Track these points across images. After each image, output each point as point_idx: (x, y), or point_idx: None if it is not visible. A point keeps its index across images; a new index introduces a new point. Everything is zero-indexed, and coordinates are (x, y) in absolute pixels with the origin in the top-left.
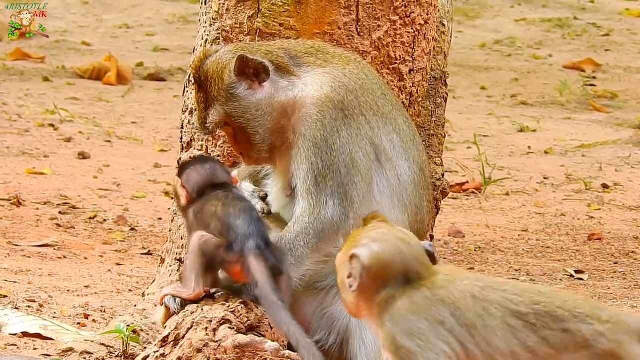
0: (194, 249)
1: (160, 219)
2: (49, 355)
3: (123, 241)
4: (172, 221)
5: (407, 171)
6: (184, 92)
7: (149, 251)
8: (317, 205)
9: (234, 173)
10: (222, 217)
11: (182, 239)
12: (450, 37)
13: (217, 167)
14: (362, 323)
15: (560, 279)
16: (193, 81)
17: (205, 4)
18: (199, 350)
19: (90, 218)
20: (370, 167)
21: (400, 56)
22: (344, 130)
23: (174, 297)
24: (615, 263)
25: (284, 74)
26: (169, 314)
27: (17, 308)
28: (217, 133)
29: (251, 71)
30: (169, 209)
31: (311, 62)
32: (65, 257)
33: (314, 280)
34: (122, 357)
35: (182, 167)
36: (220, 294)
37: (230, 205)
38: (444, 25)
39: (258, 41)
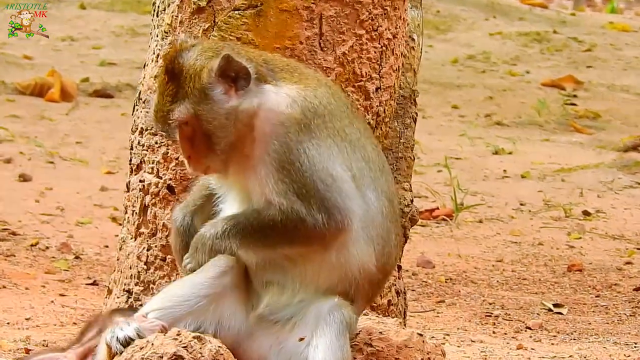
0: None
1: (107, 246)
2: None
3: (67, 270)
4: (120, 249)
5: (375, 202)
6: (133, 111)
7: (95, 281)
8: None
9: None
10: None
11: (130, 268)
12: (421, 52)
13: None
14: (318, 356)
15: (538, 313)
16: (164, 70)
17: (157, 16)
18: None
19: (31, 245)
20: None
21: (366, 73)
22: (313, 150)
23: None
24: (597, 296)
25: (262, 83)
26: (111, 353)
27: None
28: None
29: (232, 74)
30: (116, 235)
31: (287, 78)
32: (4, 287)
33: (269, 312)
34: None
35: None
36: None
37: None
38: (413, 40)
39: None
